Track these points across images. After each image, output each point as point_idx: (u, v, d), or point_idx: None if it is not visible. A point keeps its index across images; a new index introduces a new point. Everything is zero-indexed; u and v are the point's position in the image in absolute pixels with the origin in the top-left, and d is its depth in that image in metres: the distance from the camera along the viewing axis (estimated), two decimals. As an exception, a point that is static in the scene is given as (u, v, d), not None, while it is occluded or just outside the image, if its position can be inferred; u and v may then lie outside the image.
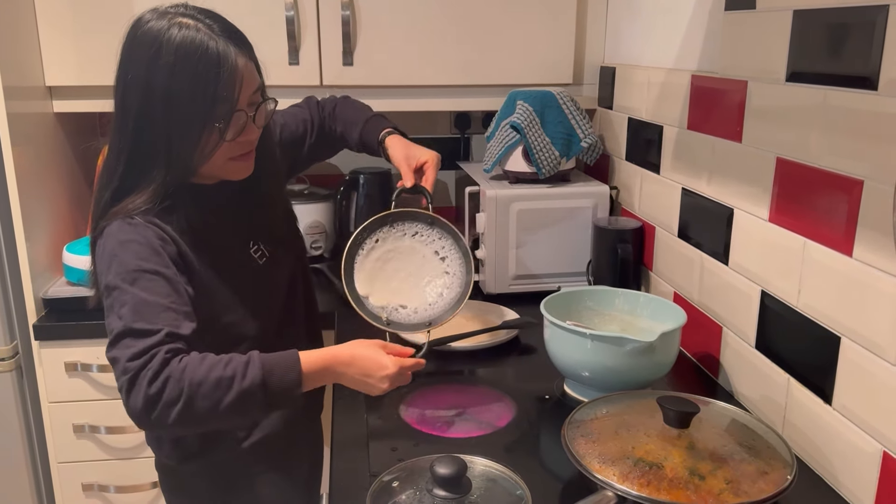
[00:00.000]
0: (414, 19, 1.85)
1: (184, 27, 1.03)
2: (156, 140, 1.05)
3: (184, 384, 0.95)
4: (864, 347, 1.00)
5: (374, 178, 2.15)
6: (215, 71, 1.02)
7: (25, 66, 1.73)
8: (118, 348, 0.98)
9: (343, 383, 1.10)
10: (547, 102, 1.79)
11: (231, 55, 1.04)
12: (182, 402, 0.95)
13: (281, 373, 1.01)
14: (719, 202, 1.36)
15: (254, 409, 1.00)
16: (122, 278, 1.01)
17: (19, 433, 1.77)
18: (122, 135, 1.08)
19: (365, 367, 1.09)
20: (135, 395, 0.95)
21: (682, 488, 0.91)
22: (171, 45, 1.02)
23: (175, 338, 0.99)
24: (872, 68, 0.95)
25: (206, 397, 0.96)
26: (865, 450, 1.00)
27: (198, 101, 1.03)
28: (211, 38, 1.03)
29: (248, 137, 1.11)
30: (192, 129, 1.05)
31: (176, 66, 1.01)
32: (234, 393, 0.97)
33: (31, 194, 1.72)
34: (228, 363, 0.99)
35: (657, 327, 1.26)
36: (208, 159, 1.08)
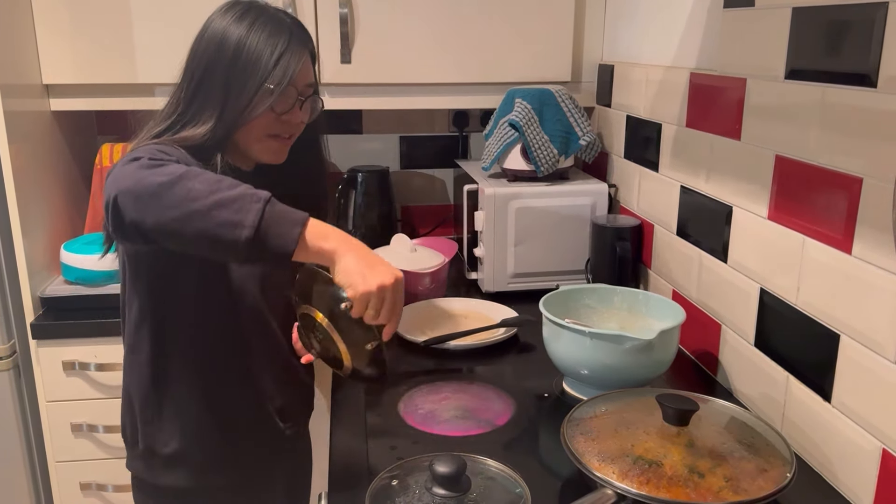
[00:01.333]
0: (412, 17, 1.84)
1: (259, 12, 1.16)
2: (215, 93, 1.13)
3: (185, 167, 0.96)
4: (864, 345, 1.00)
5: (372, 175, 2.15)
6: (286, 42, 1.14)
7: (22, 63, 1.72)
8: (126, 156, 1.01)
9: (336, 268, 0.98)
10: (545, 100, 1.79)
11: (302, 38, 1.18)
12: (178, 175, 0.94)
13: (284, 209, 0.96)
14: (718, 200, 1.36)
15: (243, 220, 0.92)
16: (134, 155, 1.01)
17: (17, 432, 1.77)
18: (185, 85, 1.16)
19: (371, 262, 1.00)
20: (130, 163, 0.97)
21: (682, 486, 0.91)
22: (254, 13, 1.15)
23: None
24: (871, 65, 0.95)
25: (203, 181, 0.94)
26: (865, 447, 1.00)
27: (263, 59, 1.12)
28: (286, 23, 1.17)
29: (292, 119, 1.19)
30: (249, 87, 1.12)
31: (254, 26, 1.13)
32: (234, 192, 0.93)
33: (29, 193, 1.71)
34: (242, 186, 0.96)
35: (656, 325, 1.26)
36: (251, 121, 1.15)
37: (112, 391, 1.78)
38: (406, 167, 2.33)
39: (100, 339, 1.73)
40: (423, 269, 1.71)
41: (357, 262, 0.98)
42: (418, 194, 2.35)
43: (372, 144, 2.30)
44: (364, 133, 2.29)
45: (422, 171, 2.34)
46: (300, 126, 1.22)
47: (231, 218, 0.92)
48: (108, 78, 1.80)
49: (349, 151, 2.29)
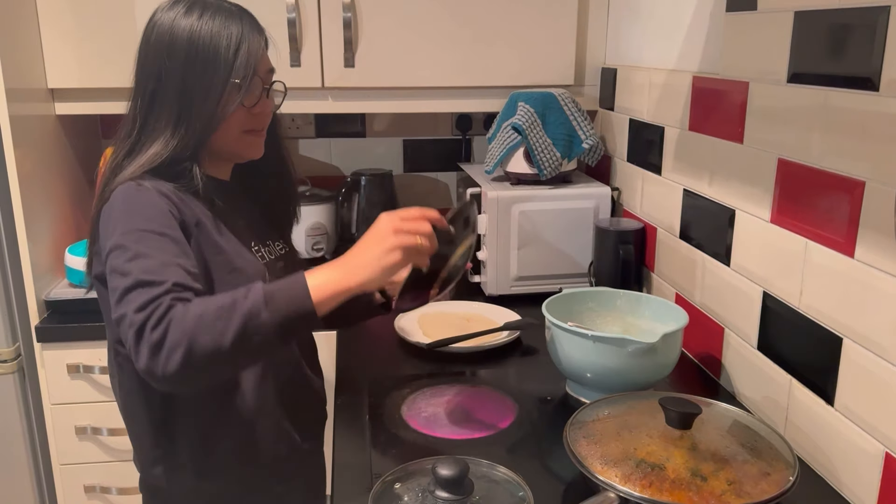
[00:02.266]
0: (415, 21, 1.85)
1: (204, 5, 1.09)
2: (174, 99, 1.07)
3: (185, 323, 0.88)
4: (866, 348, 1.00)
5: (375, 179, 2.16)
6: (238, 34, 1.07)
7: (27, 68, 1.73)
8: (124, 304, 0.92)
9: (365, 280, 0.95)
10: (548, 104, 1.80)
11: (254, 25, 1.11)
12: (186, 342, 0.88)
13: (285, 287, 0.93)
14: (721, 203, 1.36)
15: (265, 335, 0.90)
16: (127, 238, 0.96)
17: (21, 435, 1.77)
18: (139, 99, 1.09)
19: (362, 241, 0.97)
20: (141, 347, 0.89)
21: (685, 489, 0.91)
22: (193, 16, 1.07)
23: (182, 288, 0.93)
24: (873, 69, 0.95)
25: (208, 329, 0.88)
26: (868, 451, 1.00)
27: (220, 57, 1.06)
28: (231, 13, 1.10)
29: (264, 110, 1.14)
30: (214, 85, 1.06)
31: (200, 32, 1.06)
32: (237, 318, 0.89)
33: (34, 196, 1.72)
34: (229, 294, 0.92)
35: (659, 328, 1.26)
36: (224, 123, 1.09)
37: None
38: (409, 170, 2.33)
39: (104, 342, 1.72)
40: (427, 272, 1.71)
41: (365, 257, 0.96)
42: (421, 197, 2.35)
43: (375, 148, 2.30)
44: (367, 136, 2.30)
45: (425, 175, 2.35)
46: (270, 115, 1.17)
47: (253, 349, 0.92)
48: (112, 82, 1.81)
49: (352, 155, 2.30)
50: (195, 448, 1.12)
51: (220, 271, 1.08)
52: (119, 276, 0.94)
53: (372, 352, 1.50)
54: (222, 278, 1.07)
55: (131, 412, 1.15)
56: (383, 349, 1.50)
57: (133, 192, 1.02)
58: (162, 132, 1.07)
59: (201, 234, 1.07)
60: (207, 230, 1.08)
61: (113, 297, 0.95)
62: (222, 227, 1.11)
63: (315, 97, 1.88)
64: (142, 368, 0.90)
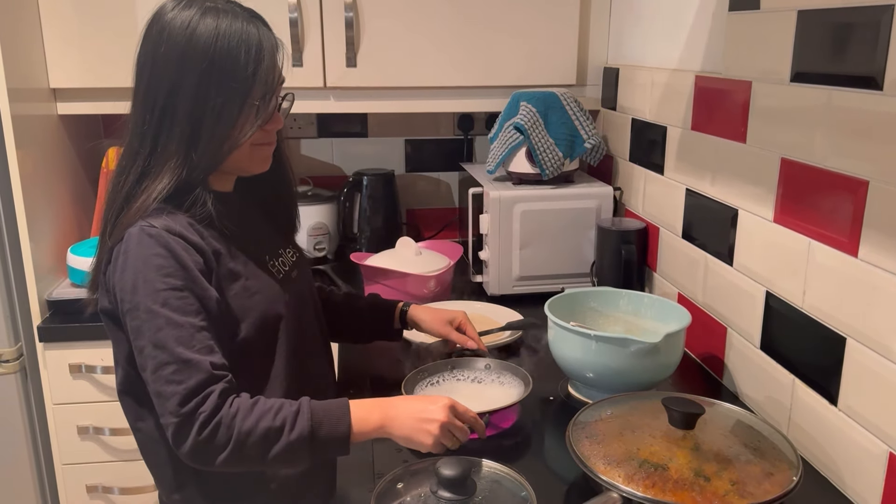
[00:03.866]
0: (417, 21, 1.85)
1: (218, 11, 1.01)
2: (186, 119, 1.01)
3: (233, 431, 0.94)
4: (870, 348, 0.99)
5: (377, 179, 2.15)
6: (257, 50, 1.01)
7: (29, 68, 1.73)
8: (162, 381, 0.95)
9: (394, 431, 1.02)
10: (550, 103, 1.79)
11: (271, 38, 1.05)
12: (230, 449, 0.95)
13: (330, 425, 0.98)
14: (723, 203, 1.36)
15: (301, 459, 0.99)
16: (153, 299, 0.96)
17: (24, 435, 1.77)
18: (149, 114, 1.02)
19: (417, 405, 1.03)
20: (183, 437, 0.94)
21: (688, 490, 0.90)
22: (209, 24, 1.00)
23: (220, 370, 0.97)
24: (877, 68, 0.95)
25: (254, 446, 0.95)
26: (871, 451, 1.00)
27: (239, 78, 1.00)
28: (247, 20, 1.03)
29: (277, 126, 1.10)
30: (232, 108, 1.01)
31: (216, 43, 0.99)
32: (281, 444, 0.96)
33: (36, 196, 1.72)
34: (279, 412, 0.97)
35: (661, 328, 1.26)
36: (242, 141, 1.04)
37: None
38: (411, 170, 2.33)
39: (106, 342, 1.70)
40: (428, 272, 1.71)
41: (408, 421, 1.01)
42: (423, 197, 2.35)
43: (377, 148, 2.30)
44: (369, 136, 2.29)
45: (427, 175, 2.34)
46: (282, 126, 1.13)
47: (290, 466, 1.04)
48: (114, 82, 1.80)
49: (354, 155, 2.30)
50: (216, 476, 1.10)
51: (240, 298, 1.06)
52: (151, 346, 0.96)
53: (375, 351, 1.50)
54: (244, 304, 1.07)
55: (149, 448, 1.12)
56: (386, 349, 1.49)
57: (146, 240, 0.99)
58: (173, 156, 1.02)
59: (220, 265, 1.05)
60: (224, 259, 1.06)
61: (145, 363, 0.96)
62: (236, 251, 1.09)
63: (317, 97, 1.88)
64: (181, 453, 0.95)
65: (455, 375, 1.31)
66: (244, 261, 1.09)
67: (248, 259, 1.10)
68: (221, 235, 1.07)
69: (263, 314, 1.08)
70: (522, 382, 1.27)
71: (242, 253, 1.10)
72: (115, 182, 1.06)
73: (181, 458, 0.97)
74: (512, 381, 1.29)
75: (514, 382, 1.29)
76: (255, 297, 1.08)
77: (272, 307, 1.10)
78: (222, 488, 1.10)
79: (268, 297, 1.10)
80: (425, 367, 1.31)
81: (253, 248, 1.13)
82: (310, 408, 0.98)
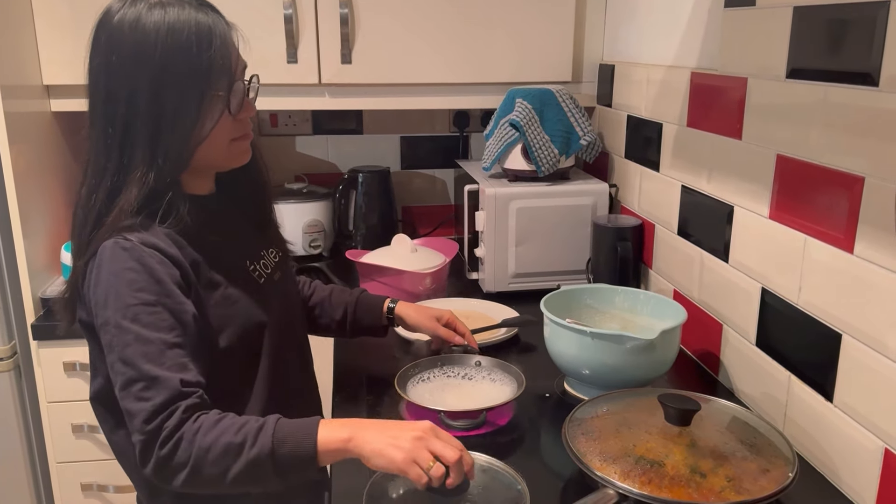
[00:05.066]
0: (412, 17, 1.84)
1: (164, 4, 0.98)
2: (148, 123, 0.98)
3: (193, 448, 0.90)
4: (866, 344, 0.99)
5: (372, 176, 2.15)
6: (208, 39, 0.98)
7: (23, 64, 1.72)
8: (131, 398, 0.92)
9: (365, 457, 0.92)
10: (546, 100, 1.79)
11: (221, 24, 1.01)
12: (189, 467, 0.90)
13: (294, 442, 0.91)
14: (719, 199, 1.36)
15: (265, 481, 0.92)
16: (122, 314, 0.94)
17: (18, 433, 1.76)
18: (109, 125, 0.99)
19: (392, 426, 0.94)
20: (147, 455, 0.91)
21: (684, 486, 0.90)
22: (156, 21, 0.96)
23: (190, 387, 0.93)
24: (873, 64, 0.95)
25: (214, 464, 0.90)
26: (867, 447, 1.00)
27: (194, 71, 0.97)
28: (196, 9, 0.99)
29: (249, 113, 1.07)
30: (190, 103, 0.98)
31: (167, 40, 0.96)
32: (241, 462, 0.90)
33: (29, 194, 1.71)
34: (241, 428, 0.92)
35: (657, 325, 1.26)
36: (209, 138, 1.01)
37: (113, 392, 1.78)
38: (407, 167, 2.33)
39: (101, 340, 1.73)
40: (424, 269, 1.71)
41: (378, 442, 0.92)
42: (419, 195, 2.35)
43: (372, 145, 2.30)
44: (365, 133, 2.29)
45: (422, 172, 2.34)
46: (254, 112, 1.09)
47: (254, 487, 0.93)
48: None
49: (350, 152, 2.29)
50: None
51: (221, 307, 1.05)
52: (121, 363, 0.93)
53: (369, 349, 1.50)
54: (225, 313, 1.05)
55: (123, 456, 1.12)
56: (381, 347, 1.49)
57: (120, 253, 0.96)
58: (140, 164, 0.98)
59: (199, 276, 1.03)
60: (203, 269, 1.04)
61: (115, 379, 0.94)
62: (216, 258, 1.07)
63: (312, 94, 1.88)
64: (146, 475, 0.92)
65: (445, 372, 1.31)
66: (225, 268, 1.07)
67: (228, 266, 1.08)
68: (200, 243, 1.04)
69: (245, 322, 1.07)
70: (514, 379, 1.27)
71: (222, 260, 1.07)
72: (84, 202, 1.02)
73: (147, 477, 0.93)
74: (503, 378, 1.29)
75: (506, 379, 1.29)
76: (236, 305, 1.06)
77: (254, 315, 1.08)
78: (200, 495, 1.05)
79: (249, 305, 1.08)
80: (417, 363, 1.31)
81: (233, 253, 1.11)
82: (275, 424, 0.92)
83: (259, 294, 1.11)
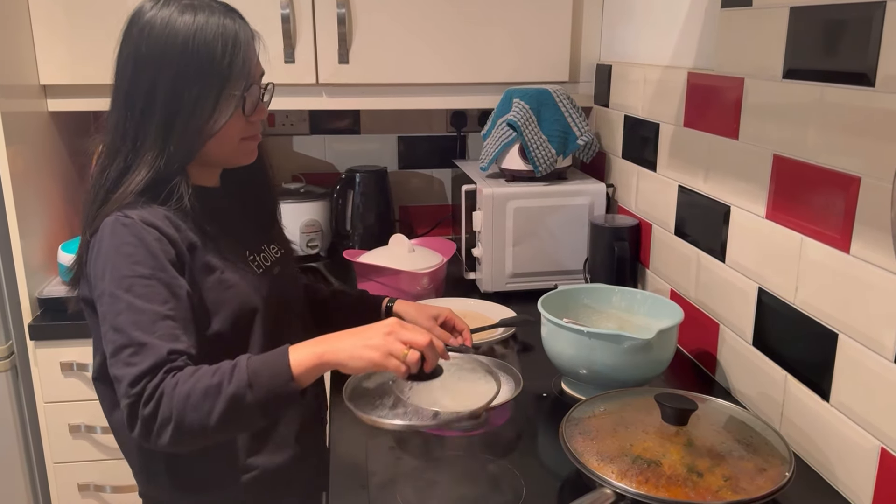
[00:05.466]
0: (410, 17, 1.84)
1: (195, 7, 1.04)
2: (165, 112, 1.03)
3: (173, 400, 0.92)
4: (862, 344, 1.00)
5: (370, 176, 2.15)
6: (233, 42, 1.04)
7: (19, 64, 1.72)
8: (119, 364, 0.95)
9: (342, 363, 0.96)
10: (543, 100, 1.79)
11: (246, 30, 1.07)
12: (174, 421, 0.92)
13: (269, 370, 0.94)
14: (716, 199, 1.36)
15: (249, 415, 0.94)
16: (117, 284, 0.97)
17: (14, 433, 1.76)
18: (129, 110, 1.05)
19: (364, 330, 0.98)
20: (132, 418, 0.94)
21: (681, 485, 0.91)
22: (187, 21, 1.03)
23: (177, 354, 0.95)
24: (869, 65, 0.95)
25: (195, 409, 0.92)
26: (863, 446, 1.00)
27: (216, 69, 1.03)
28: (223, 14, 1.05)
29: (261, 116, 1.12)
30: (208, 98, 1.03)
31: (195, 37, 1.02)
32: (222, 401, 0.92)
33: (26, 193, 1.71)
34: (216, 371, 0.94)
35: (654, 325, 1.26)
36: (220, 133, 1.06)
37: (110, 392, 1.77)
38: (404, 167, 2.33)
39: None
40: (422, 269, 1.71)
41: (350, 346, 0.96)
42: (416, 194, 2.35)
43: (370, 144, 2.30)
44: (362, 133, 2.29)
45: (420, 172, 2.34)
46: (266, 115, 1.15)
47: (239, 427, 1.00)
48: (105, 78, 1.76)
49: (347, 152, 2.29)
50: (191, 462, 1.11)
51: (215, 291, 1.07)
52: (112, 331, 0.96)
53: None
54: (218, 297, 1.07)
55: (121, 438, 1.15)
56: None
57: (120, 229, 1.00)
58: (151, 148, 1.04)
59: (195, 259, 1.06)
60: (200, 252, 1.07)
61: (107, 347, 0.97)
62: (214, 244, 1.10)
63: (309, 93, 1.88)
64: (136, 438, 0.94)
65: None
66: (222, 254, 1.10)
67: (226, 252, 1.11)
68: (199, 228, 1.08)
69: (238, 307, 1.09)
70: (511, 379, 1.27)
71: (220, 247, 1.10)
72: (96, 179, 1.08)
73: (137, 441, 0.96)
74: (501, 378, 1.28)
75: (503, 379, 1.28)
76: (230, 290, 1.09)
77: (248, 301, 1.11)
78: (193, 479, 1.11)
79: (243, 291, 1.10)
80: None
81: (232, 242, 1.14)
82: (247, 360, 0.96)
83: (255, 282, 1.13)
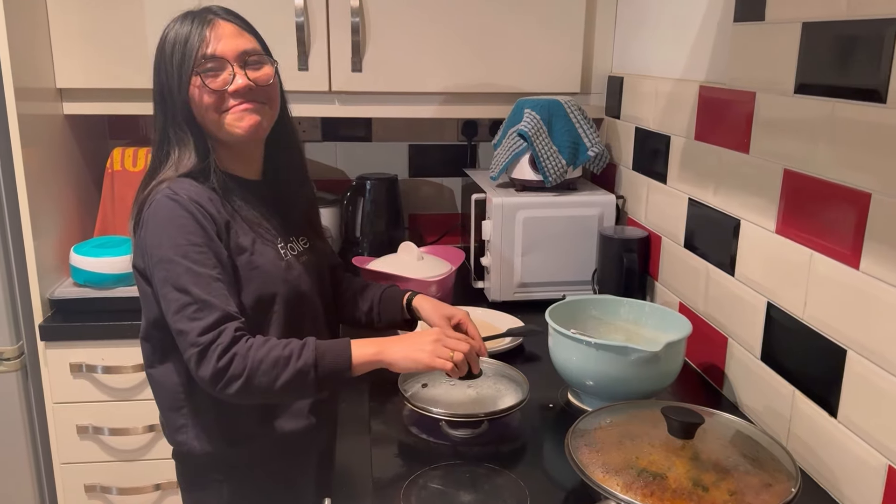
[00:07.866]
0: (423, 27, 1.85)
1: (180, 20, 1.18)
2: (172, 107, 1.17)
3: (248, 361, 1.07)
4: (871, 360, 0.99)
5: (380, 183, 2.16)
6: (198, 30, 1.16)
7: (36, 67, 1.74)
8: (184, 319, 1.08)
9: (394, 362, 1.12)
10: (554, 111, 1.80)
11: (211, 17, 1.17)
12: (244, 377, 1.06)
13: (333, 355, 1.10)
14: (726, 213, 1.36)
15: (306, 388, 1.10)
16: (175, 251, 1.11)
17: (23, 434, 1.77)
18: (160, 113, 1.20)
19: (415, 336, 1.15)
20: (204, 366, 1.06)
21: (686, 499, 0.90)
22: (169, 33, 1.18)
23: (234, 318, 1.09)
24: (881, 81, 0.95)
25: (265, 374, 1.07)
26: (870, 463, 1.00)
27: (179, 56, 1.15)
28: (204, 12, 1.17)
29: (239, 89, 1.17)
30: (182, 84, 1.15)
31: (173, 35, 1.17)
32: (289, 371, 1.08)
33: (40, 195, 1.72)
34: (287, 345, 1.10)
35: (662, 337, 1.26)
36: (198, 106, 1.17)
37: (118, 394, 1.78)
38: (414, 175, 2.34)
39: (107, 342, 1.74)
40: (430, 277, 1.71)
41: (403, 349, 1.13)
42: (426, 203, 2.35)
43: (381, 152, 2.31)
44: (373, 141, 2.30)
45: (430, 180, 2.35)
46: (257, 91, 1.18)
47: (296, 395, 1.17)
48: (120, 83, 1.82)
49: (358, 159, 2.30)
50: (218, 418, 1.21)
51: (244, 269, 1.18)
52: (174, 291, 1.10)
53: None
54: (246, 275, 1.18)
55: (158, 381, 1.24)
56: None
57: (171, 204, 1.13)
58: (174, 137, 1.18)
59: (230, 237, 1.18)
60: (234, 233, 1.18)
61: (168, 306, 1.10)
62: (248, 228, 1.21)
63: (322, 101, 1.89)
64: (202, 381, 1.08)
65: (447, 379, 1.30)
66: (252, 238, 1.20)
67: (256, 237, 1.21)
68: (236, 212, 1.20)
69: (260, 289, 1.19)
70: (518, 388, 1.27)
71: (253, 230, 1.21)
72: (150, 168, 1.22)
73: (201, 385, 1.09)
74: (507, 386, 1.29)
75: (510, 388, 1.29)
76: (255, 271, 1.18)
77: (270, 284, 1.20)
78: (222, 432, 1.22)
79: (268, 273, 1.20)
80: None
81: (264, 229, 1.24)
82: (315, 342, 1.11)
83: (280, 267, 1.22)
